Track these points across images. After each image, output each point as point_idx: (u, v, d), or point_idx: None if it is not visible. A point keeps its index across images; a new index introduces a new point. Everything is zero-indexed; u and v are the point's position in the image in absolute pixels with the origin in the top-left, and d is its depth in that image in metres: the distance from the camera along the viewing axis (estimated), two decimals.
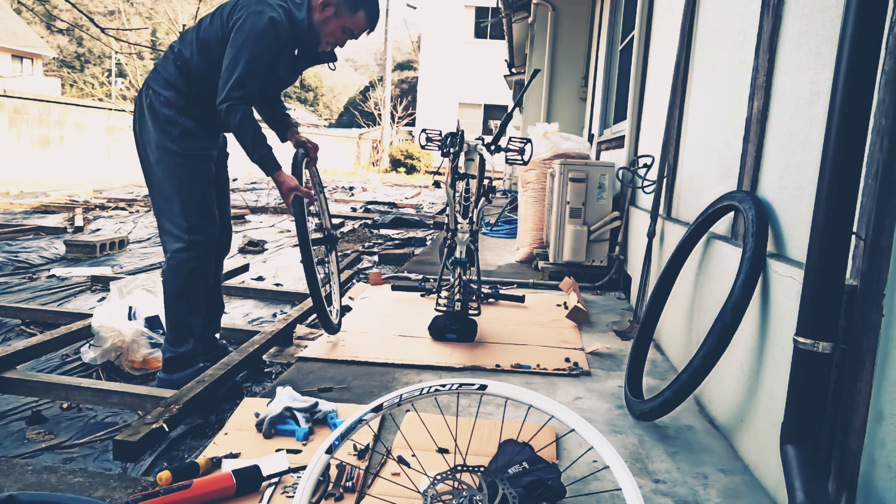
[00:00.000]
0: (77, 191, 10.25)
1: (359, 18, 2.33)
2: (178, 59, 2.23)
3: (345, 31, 2.34)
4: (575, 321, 3.17)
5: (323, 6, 2.27)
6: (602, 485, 1.60)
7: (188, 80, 2.22)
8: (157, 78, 2.24)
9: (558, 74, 8.31)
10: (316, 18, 2.28)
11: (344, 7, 2.29)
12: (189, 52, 2.22)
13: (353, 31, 2.35)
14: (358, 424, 1.37)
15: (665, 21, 3.48)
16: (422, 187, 16.37)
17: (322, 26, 2.29)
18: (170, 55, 2.26)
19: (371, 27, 2.38)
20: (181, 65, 2.22)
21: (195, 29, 2.27)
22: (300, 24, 2.26)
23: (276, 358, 2.66)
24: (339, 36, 2.34)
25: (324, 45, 2.35)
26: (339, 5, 2.28)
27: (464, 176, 3.01)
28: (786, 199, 1.72)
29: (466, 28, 25.26)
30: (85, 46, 34.91)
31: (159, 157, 2.22)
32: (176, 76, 2.22)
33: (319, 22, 2.29)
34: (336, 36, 2.34)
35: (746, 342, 1.81)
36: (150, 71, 2.32)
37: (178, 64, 2.23)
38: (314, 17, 2.28)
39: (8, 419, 2.16)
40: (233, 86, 2.12)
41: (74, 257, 4.89)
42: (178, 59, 2.23)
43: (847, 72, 1.22)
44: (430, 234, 7.36)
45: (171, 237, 2.27)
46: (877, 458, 1.21)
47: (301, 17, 2.26)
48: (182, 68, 2.22)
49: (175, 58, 2.24)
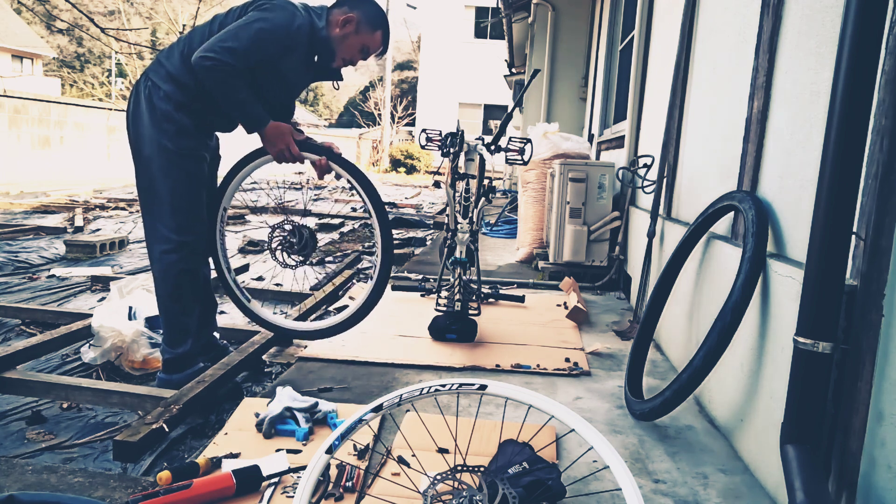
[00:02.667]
0: (77, 191, 10.25)
1: (376, 38, 2.35)
2: (185, 50, 2.18)
3: (362, 50, 2.35)
4: (575, 321, 3.17)
5: (344, 22, 2.28)
6: (602, 485, 1.60)
7: (192, 73, 2.16)
8: (159, 70, 2.19)
9: (558, 74, 8.31)
10: (335, 34, 2.29)
11: (364, 25, 2.30)
12: (198, 42, 2.17)
13: (369, 50, 2.36)
14: (358, 424, 1.37)
15: (665, 21, 3.48)
16: (422, 187, 16.37)
17: (340, 42, 2.30)
18: (176, 46, 2.22)
19: (384, 49, 2.41)
20: (187, 56, 2.16)
21: (209, 22, 2.24)
22: (319, 33, 2.26)
23: (276, 358, 2.66)
24: (355, 53, 2.34)
25: (338, 60, 2.35)
26: (360, 23, 2.29)
27: (464, 176, 3.01)
28: (786, 199, 1.72)
29: (466, 28, 25.26)
30: (85, 46, 34.91)
31: (153, 154, 2.18)
32: (179, 67, 2.17)
33: (338, 38, 2.29)
34: (352, 53, 2.34)
35: (746, 342, 1.81)
36: (152, 62, 2.27)
37: (185, 54, 2.17)
38: (332, 32, 2.29)
39: (8, 419, 2.15)
40: (222, 48, 2.04)
41: (74, 257, 4.89)
42: (185, 50, 2.18)
43: (847, 72, 1.22)
44: (430, 234, 7.36)
45: (159, 238, 2.23)
46: (877, 458, 1.21)
47: (321, 27, 2.26)
48: (187, 60, 2.16)
49: (183, 47, 2.19)
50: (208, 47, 2.05)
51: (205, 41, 2.15)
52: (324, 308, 3.53)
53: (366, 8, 2.31)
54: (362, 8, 2.31)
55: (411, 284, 3.76)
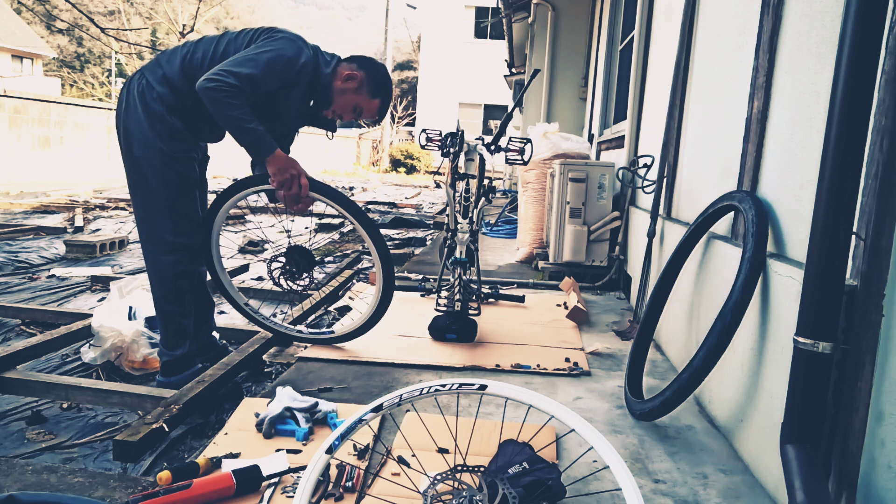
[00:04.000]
0: (77, 191, 10.25)
1: (373, 104, 2.35)
2: (187, 57, 2.16)
3: (355, 109, 2.35)
4: (575, 321, 3.17)
5: (347, 77, 2.29)
6: (602, 485, 1.60)
7: (189, 81, 2.14)
8: (156, 70, 2.17)
9: (558, 74, 8.31)
10: (336, 85, 2.30)
11: (366, 87, 2.31)
12: (202, 54, 2.16)
13: (362, 112, 2.36)
14: (358, 424, 1.37)
15: (665, 21, 3.48)
16: (422, 187, 16.37)
17: (338, 95, 2.31)
18: (180, 51, 2.20)
19: (380, 117, 2.42)
20: (188, 63, 2.15)
21: (217, 38, 2.24)
22: (322, 79, 2.27)
23: (276, 358, 2.66)
24: (347, 110, 2.35)
25: (329, 111, 2.35)
26: (363, 84, 2.31)
27: (464, 176, 3.01)
28: (786, 199, 1.72)
29: (466, 28, 25.26)
30: (85, 46, 34.91)
31: (146, 155, 2.14)
32: (178, 73, 2.15)
33: (338, 90, 2.30)
34: (346, 109, 2.35)
35: (746, 342, 1.81)
36: (151, 61, 2.25)
37: (186, 62, 2.16)
38: (335, 83, 2.29)
39: (8, 419, 2.16)
40: (227, 72, 2.01)
41: (74, 257, 4.89)
42: (187, 57, 2.16)
43: (847, 72, 1.22)
44: (430, 234, 7.36)
45: (155, 240, 2.20)
46: (877, 458, 1.21)
47: (326, 72, 2.27)
48: (187, 67, 2.15)
49: (185, 54, 2.17)
50: (216, 72, 2.02)
51: (210, 55, 2.15)
52: (324, 308, 3.53)
53: (373, 73, 2.33)
54: (370, 72, 2.33)
55: (411, 284, 3.76)
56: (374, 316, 2.54)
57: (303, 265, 2.49)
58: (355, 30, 73.85)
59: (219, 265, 2.51)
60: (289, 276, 2.48)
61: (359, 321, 2.58)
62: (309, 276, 2.51)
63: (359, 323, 2.57)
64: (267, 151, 2.13)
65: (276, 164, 2.16)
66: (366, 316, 2.54)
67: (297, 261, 2.48)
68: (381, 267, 2.42)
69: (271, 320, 2.64)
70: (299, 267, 2.49)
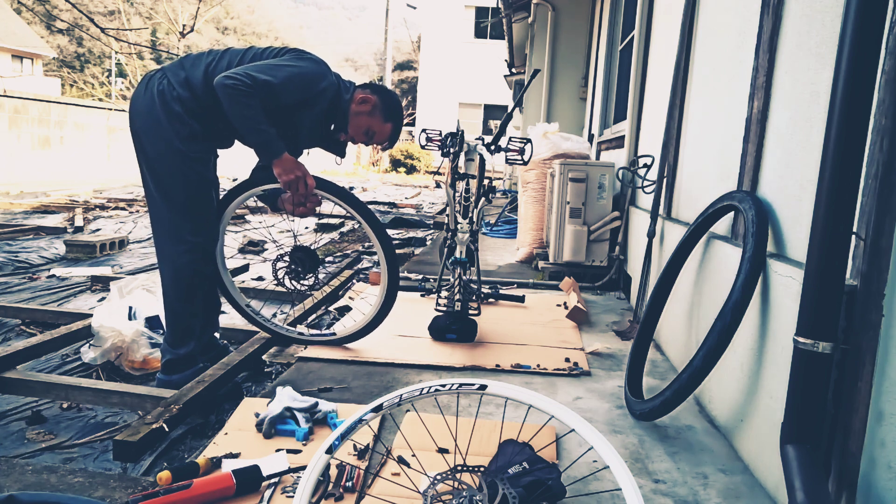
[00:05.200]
0: (77, 191, 10.25)
1: (385, 128, 2.42)
2: (212, 64, 2.19)
3: (367, 132, 2.41)
4: (575, 321, 3.17)
5: (362, 101, 2.36)
6: (602, 485, 1.60)
7: (210, 90, 2.14)
8: (178, 73, 2.19)
9: (558, 74, 8.31)
10: (351, 108, 2.37)
11: (380, 111, 2.39)
12: (226, 64, 2.18)
13: (374, 136, 2.43)
14: (358, 424, 1.37)
15: (665, 21, 3.48)
16: (422, 187, 16.37)
17: (353, 118, 2.38)
18: (205, 58, 2.23)
19: (391, 142, 2.48)
20: (212, 71, 2.17)
21: (243, 50, 2.28)
22: (342, 103, 2.35)
23: (276, 358, 2.66)
24: (360, 133, 2.41)
25: (343, 134, 2.42)
26: (377, 107, 2.38)
27: (464, 176, 3.01)
28: (786, 199, 1.72)
29: (466, 28, 25.25)
30: (85, 46, 34.90)
31: (164, 153, 2.16)
32: (201, 79, 2.16)
33: (353, 113, 2.37)
34: (358, 132, 2.41)
35: (746, 342, 1.81)
36: (173, 62, 2.27)
37: (210, 69, 2.18)
38: (350, 107, 2.37)
39: (8, 419, 2.16)
40: (245, 73, 2.05)
41: (74, 257, 4.89)
42: (212, 64, 2.19)
43: (847, 72, 1.22)
44: (430, 234, 7.36)
45: (175, 238, 2.22)
46: (877, 458, 1.21)
47: (346, 98, 2.36)
48: (211, 75, 2.16)
49: (210, 62, 2.20)
50: (236, 71, 2.07)
51: (234, 65, 2.18)
52: (324, 308, 3.53)
53: (386, 98, 2.41)
54: (383, 97, 2.41)
55: (411, 284, 3.76)
56: (377, 317, 2.54)
57: (308, 265, 2.51)
58: (355, 30, 73.72)
59: (222, 265, 2.52)
60: (294, 276, 2.50)
61: (361, 322, 2.58)
62: (314, 275, 2.53)
63: (361, 324, 2.57)
64: (275, 154, 2.19)
65: (282, 166, 2.21)
66: (368, 317, 2.55)
67: (302, 261, 2.50)
68: (387, 267, 2.43)
69: (272, 322, 2.64)
70: (304, 267, 2.51)
